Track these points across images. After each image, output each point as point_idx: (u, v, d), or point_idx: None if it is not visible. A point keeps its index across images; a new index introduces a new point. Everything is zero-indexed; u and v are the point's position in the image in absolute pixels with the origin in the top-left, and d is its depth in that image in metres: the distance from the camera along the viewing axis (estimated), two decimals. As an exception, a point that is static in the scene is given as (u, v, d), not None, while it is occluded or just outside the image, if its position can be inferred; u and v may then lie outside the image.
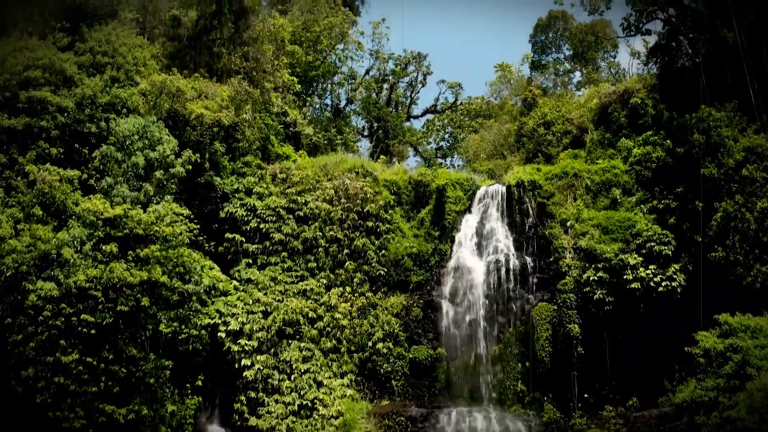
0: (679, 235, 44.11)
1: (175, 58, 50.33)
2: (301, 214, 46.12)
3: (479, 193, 48.20)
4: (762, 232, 41.61)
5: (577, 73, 76.09)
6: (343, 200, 46.23)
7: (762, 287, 40.81)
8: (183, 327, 38.98)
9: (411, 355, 43.28)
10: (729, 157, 43.88)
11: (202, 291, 40.69)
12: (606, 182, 47.82)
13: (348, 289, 44.40)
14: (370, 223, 45.85)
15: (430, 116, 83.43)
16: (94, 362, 36.13)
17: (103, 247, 37.75)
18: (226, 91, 47.41)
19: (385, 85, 76.40)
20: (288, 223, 45.87)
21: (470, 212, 47.85)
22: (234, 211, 45.74)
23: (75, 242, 37.65)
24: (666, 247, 43.42)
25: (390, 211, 46.93)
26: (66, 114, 43.10)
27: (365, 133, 75.66)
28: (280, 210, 46.21)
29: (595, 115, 58.98)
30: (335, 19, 65.44)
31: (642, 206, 46.07)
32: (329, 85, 67.34)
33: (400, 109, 77.76)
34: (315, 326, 42.69)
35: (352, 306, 43.83)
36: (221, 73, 50.02)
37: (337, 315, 43.05)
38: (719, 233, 42.86)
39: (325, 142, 60.52)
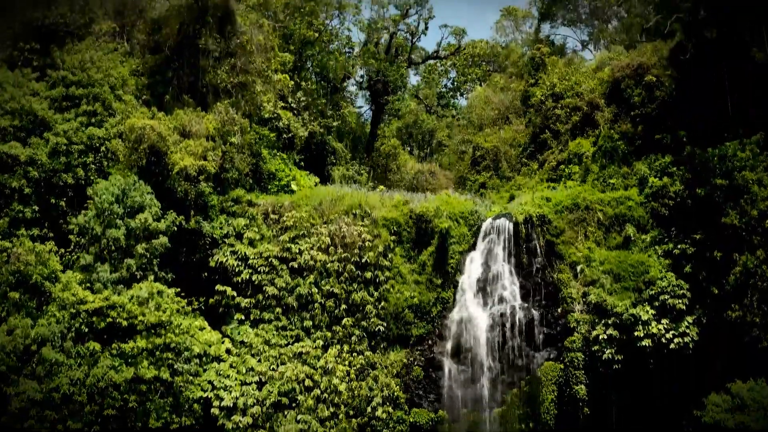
0: (695, 284, 41.96)
1: (157, 73, 46.28)
2: (296, 265, 43.50)
3: (484, 227, 45.39)
4: (783, 293, 39.43)
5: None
6: (339, 250, 43.50)
7: (780, 353, 38.94)
8: (174, 416, 37.44)
9: (411, 419, 41.76)
10: (752, 207, 41.01)
11: (193, 366, 38.90)
12: (619, 216, 45.10)
13: (346, 347, 42.41)
14: (368, 274, 43.33)
15: (432, 62, 78.95)
16: (82, 470, 35.02)
17: (86, 343, 35.80)
18: (212, 121, 43.79)
19: (385, 34, 71.52)
20: (282, 275, 43.34)
21: (475, 249, 45.20)
22: (224, 260, 43.14)
23: (55, 337, 35.64)
24: (680, 301, 41.41)
25: (390, 254, 44.25)
26: (39, 166, 40.14)
27: (364, 86, 71.49)
28: (273, 260, 43.56)
29: (606, 88, 55.68)
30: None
31: (657, 248, 43.57)
32: (325, 58, 62.59)
33: (400, 55, 73.20)
34: (312, 394, 40.93)
35: (350, 366, 42.01)
36: (207, 91, 46.08)
37: (335, 380, 41.21)
38: (737, 289, 40.65)
39: (322, 130, 56.93)
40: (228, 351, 41.40)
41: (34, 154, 40.41)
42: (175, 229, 40.87)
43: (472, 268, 44.70)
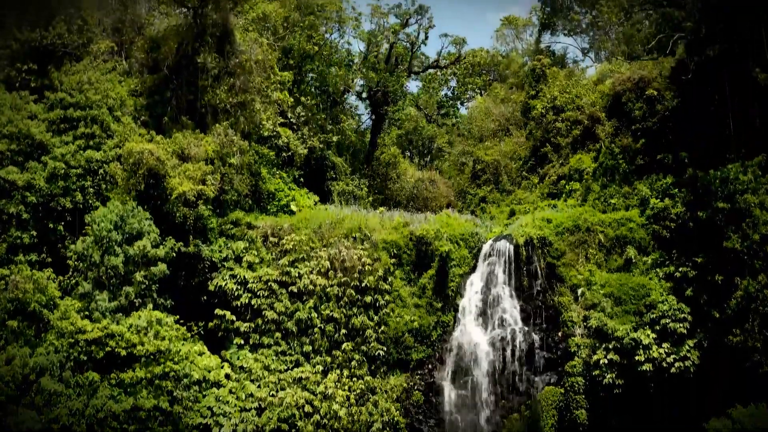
0: (696, 308, 41.72)
1: (155, 93, 45.99)
2: (295, 289, 43.27)
3: (485, 249, 45.25)
4: (785, 319, 39.18)
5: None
6: (339, 274, 43.27)
7: (780, 378, 38.72)
8: (174, 446, 37.36)
9: (411, 444, 41.76)
10: (754, 231, 40.74)
11: (192, 393, 38.76)
12: (620, 238, 44.88)
13: (345, 372, 42.19)
14: (368, 298, 43.11)
15: (432, 71, 78.61)
16: (82, 503, 34.88)
17: (85, 373, 35.71)
18: (211, 144, 43.53)
19: (385, 43, 71.11)
20: (281, 299, 43.13)
21: (475, 272, 45.09)
22: (223, 284, 42.97)
23: (54, 367, 35.50)
24: (681, 325, 41.20)
25: (390, 278, 44.02)
26: (37, 191, 40.03)
27: (364, 96, 71.16)
28: (272, 284, 43.35)
29: (607, 102, 55.49)
30: (332, 6, 60.27)
31: (658, 270, 43.33)
32: (325, 72, 62.21)
33: (400, 65, 72.80)
34: (311, 420, 40.69)
35: (350, 391, 41.80)
36: (206, 111, 45.80)
37: (335, 406, 40.98)
38: (738, 314, 40.36)
39: (322, 145, 56.68)
40: (227, 376, 41.18)
41: (32, 179, 40.34)
42: (174, 255, 40.75)
43: (473, 290, 44.56)
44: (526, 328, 43.12)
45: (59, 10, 45.62)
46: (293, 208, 48.54)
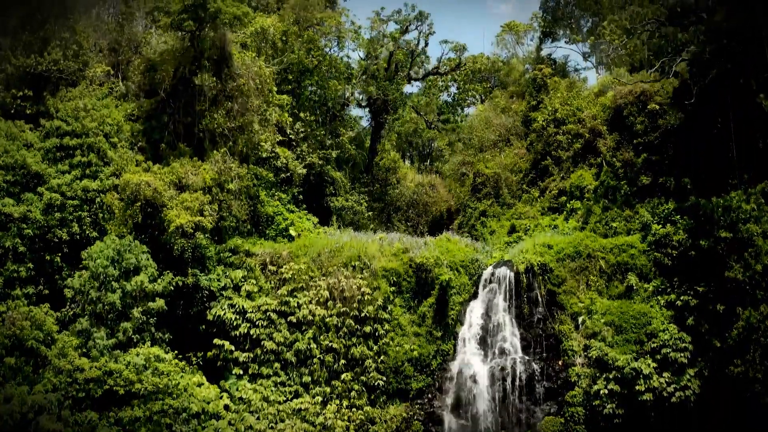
0: (697, 337, 41.61)
1: (152, 118, 45.52)
2: (294, 319, 42.98)
3: (485, 276, 44.95)
4: (786, 350, 39.02)
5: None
6: (338, 304, 42.96)
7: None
8: (173, 484, 37.25)
9: (411, 475, 41.64)
10: (756, 261, 40.61)
11: (192, 426, 38.56)
12: (622, 264, 44.55)
13: (345, 402, 41.93)
14: (367, 328, 42.79)
15: (432, 77, 78.04)
16: None
17: (84, 412, 35.58)
18: (209, 171, 43.13)
19: (385, 51, 70.50)
20: (280, 330, 42.87)
21: (475, 298, 44.80)
22: (222, 313, 42.67)
23: (52, 406, 35.33)
24: (682, 354, 41.06)
25: (389, 306, 43.66)
26: (33, 223, 39.73)
27: (363, 104, 70.63)
28: (271, 314, 43.06)
29: (609, 115, 55.24)
30: (331, 20, 59.69)
31: (659, 298, 43.10)
32: (324, 86, 61.58)
33: (400, 71, 72.22)
34: (311, 453, 40.75)
35: (349, 421, 41.60)
36: (203, 136, 45.36)
37: (334, 438, 41.01)
38: (740, 344, 40.30)
39: (321, 162, 56.29)
40: (226, 407, 40.88)
41: (28, 211, 39.96)
42: (172, 288, 40.50)
43: (473, 318, 44.23)
44: (527, 357, 42.94)
45: (54, 35, 45.04)
46: (292, 232, 48.25)
